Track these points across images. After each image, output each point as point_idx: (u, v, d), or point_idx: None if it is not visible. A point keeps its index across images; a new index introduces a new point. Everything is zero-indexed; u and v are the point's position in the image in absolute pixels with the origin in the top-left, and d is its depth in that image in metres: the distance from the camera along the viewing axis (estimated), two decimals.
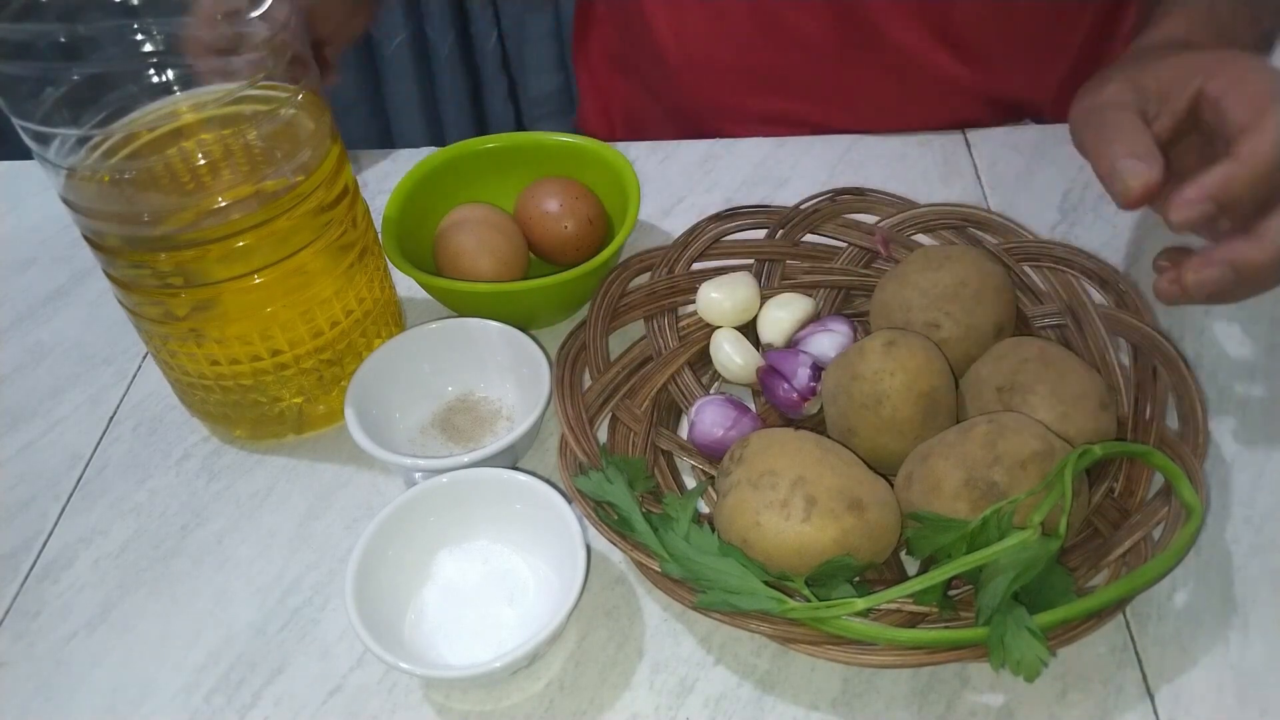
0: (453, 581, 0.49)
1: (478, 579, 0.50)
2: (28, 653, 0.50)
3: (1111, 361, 0.56)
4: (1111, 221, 0.69)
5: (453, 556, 0.50)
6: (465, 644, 0.47)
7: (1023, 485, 0.44)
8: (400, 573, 0.48)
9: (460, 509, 0.50)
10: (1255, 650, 0.47)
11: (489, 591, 0.49)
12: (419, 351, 0.58)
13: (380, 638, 0.44)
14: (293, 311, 0.52)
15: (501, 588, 0.49)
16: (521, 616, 0.48)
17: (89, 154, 0.47)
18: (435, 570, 0.50)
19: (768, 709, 0.46)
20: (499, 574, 0.50)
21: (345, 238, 0.54)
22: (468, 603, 0.49)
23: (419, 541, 0.49)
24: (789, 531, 0.45)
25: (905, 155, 0.75)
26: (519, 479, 0.50)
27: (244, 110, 0.49)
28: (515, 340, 0.57)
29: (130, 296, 0.51)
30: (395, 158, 0.78)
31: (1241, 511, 0.52)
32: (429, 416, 0.58)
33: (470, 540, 0.51)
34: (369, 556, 0.47)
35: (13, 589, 0.52)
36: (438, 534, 0.50)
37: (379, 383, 0.56)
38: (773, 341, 0.59)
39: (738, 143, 0.78)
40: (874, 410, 0.50)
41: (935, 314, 0.54)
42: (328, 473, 0.57)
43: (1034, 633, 0.42)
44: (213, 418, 0.58)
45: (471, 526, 0.50)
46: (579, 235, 0.64)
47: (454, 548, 0.50)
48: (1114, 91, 0.54)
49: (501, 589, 0.49)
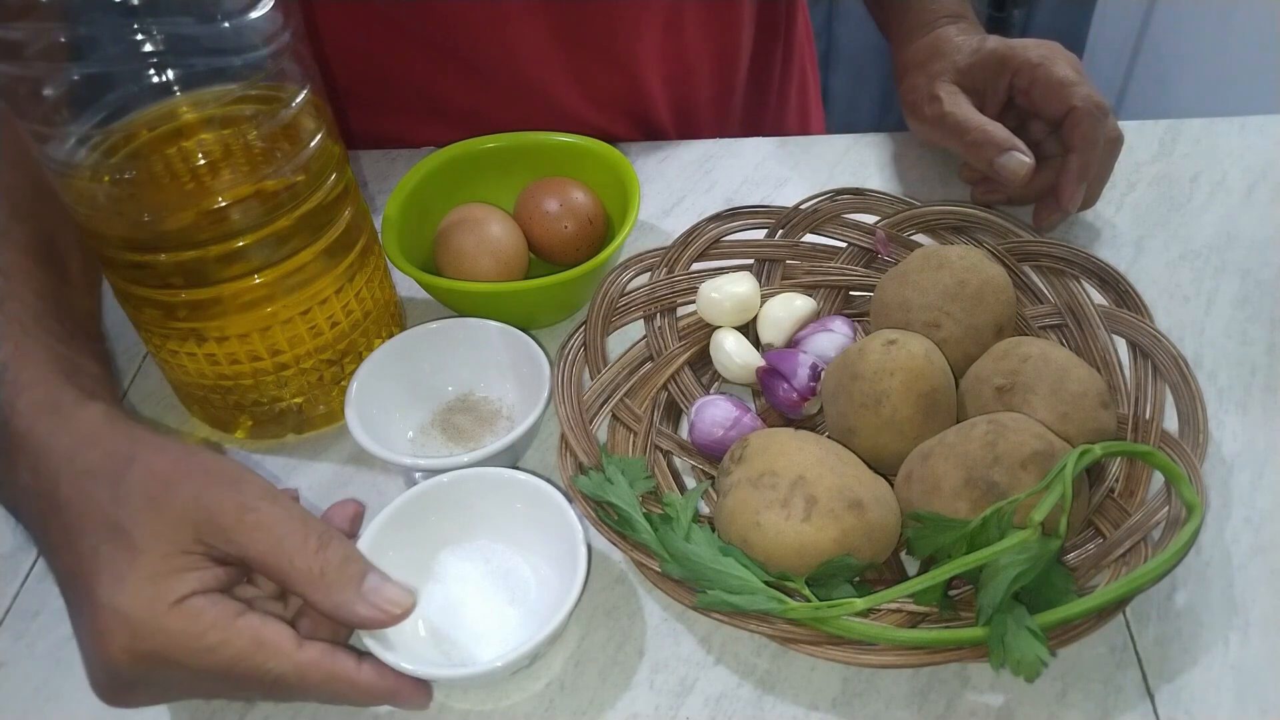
0: (454, 581, 0.49)
1: (479, 578, 0.49)
2: (28, 653, 0.50)
3: (1111, 361, 0.56)
4: (1111, 221, 0.69)
5: (454, 556, 0.50)
6: (466, 643, 0.47)
7: (1023, 485, 0.44)
8: (401, 572, 0.48)
9: (461, 508, 0.50)
10: (1255, 650, 0.47)
11: (490, 591, 0.49)
12: (419, 351, 0.58)
13: (381, 638, 0.44)
14: (293, 311, 0.52)
15: (503, 587, 0.49)
16: (523, 615, 0.48)
17: (89, 154, 0.47)
18: (436, 570, 0.50)
19: (768, 709, 0.46)
20: (500, 573, 0.50)
21: (345, 238, 0.54)
22: (469, 602, 0.49)
23: (420, 541, 0.49)
24: (789, 531, 0.45)
25: (905, 155, 0.75)
26: (519, 478, 0.50)
27: (244, 110, 0.49)
28: (515, 340, 0.57)
29: (130, 296, 0.51)
30: (395, 158, 0.78)
31: (1241, 511, 0.52)
32: (429, 416, 0.58)
33: (471, 540, 0.50)
34: (370, 557, 0.47)
35: (13, 589, 0.52)
36: (439, 534, 0.50)
37: (379, 383, 0.56)
38: (773, 341, 0.59)
39: (738, 143, 0.78)
40: (874, 410, 0.50)
41: (935, 314, 0.54)
42: (328, 473, 0.57)
43: (1034, 633, 0.42)
44: (213, 418, 0.58)
45: (472, 526, 0.50)
46: (579, 235, 0.64)
47: (455, 547, 0.50)
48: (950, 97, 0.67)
49: (503, 588, 0.49)
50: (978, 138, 0.64)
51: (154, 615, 0.40)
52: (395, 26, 0.73)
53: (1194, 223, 0.68)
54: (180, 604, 0.40)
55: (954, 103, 0.67)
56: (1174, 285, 0.64)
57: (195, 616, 0.40)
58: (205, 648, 0.40)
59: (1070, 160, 0.63)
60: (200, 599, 0.41)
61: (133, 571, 0.40)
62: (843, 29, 1.78)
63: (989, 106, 0.68)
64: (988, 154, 0.64)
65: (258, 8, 0.47)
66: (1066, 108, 0.63)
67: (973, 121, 0.65)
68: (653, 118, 0.80)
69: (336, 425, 0.58)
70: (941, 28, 0.72)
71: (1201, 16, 1.55)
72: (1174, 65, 1.63)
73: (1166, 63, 1.65)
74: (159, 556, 0.41)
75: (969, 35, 0.71)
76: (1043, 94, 0.64)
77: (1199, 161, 0.73)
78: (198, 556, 0.41)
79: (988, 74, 0.67)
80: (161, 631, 0.40)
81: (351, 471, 0.57)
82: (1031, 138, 0.67)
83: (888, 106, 1.86)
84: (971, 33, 0.71)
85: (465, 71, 0.75)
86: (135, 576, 0.40)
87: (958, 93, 0.68)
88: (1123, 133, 0.65)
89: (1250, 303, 0.63)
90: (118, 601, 0.40)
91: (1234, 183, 0.71)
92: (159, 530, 0.41)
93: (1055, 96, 0.64)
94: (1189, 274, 0.65)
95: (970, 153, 0.66)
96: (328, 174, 0.52)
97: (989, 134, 0.64)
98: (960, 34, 0.71)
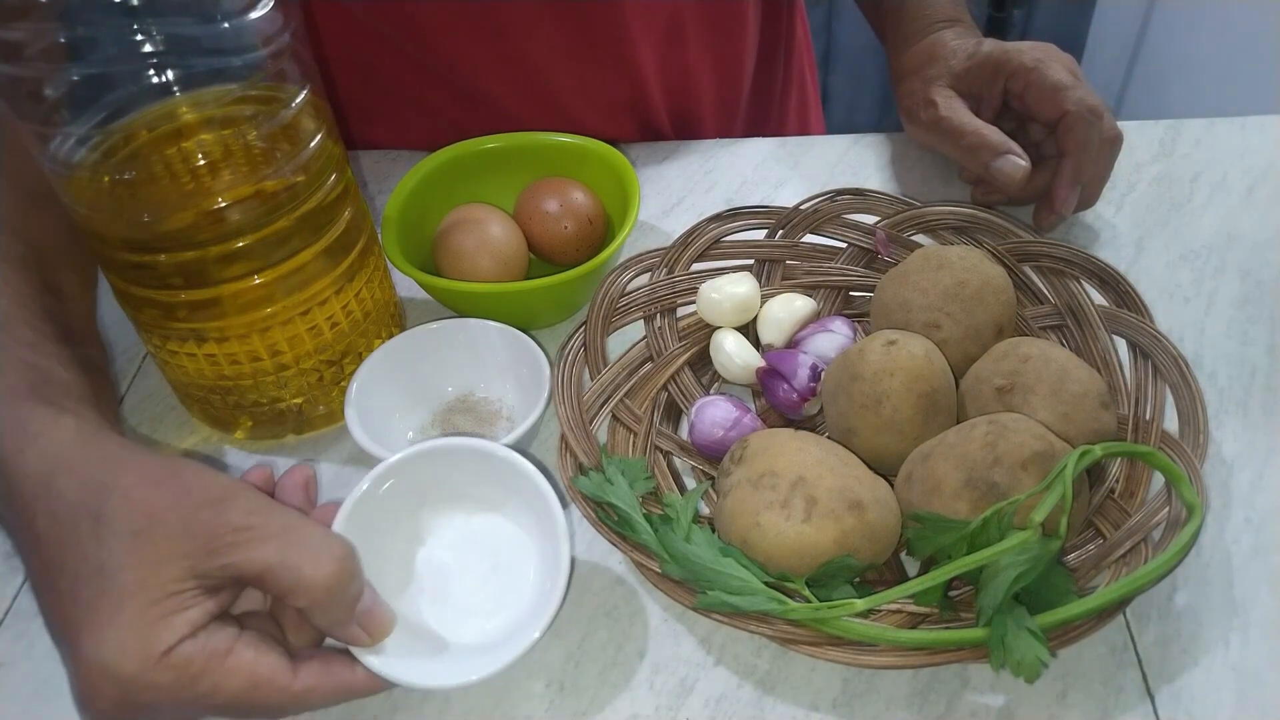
0: (439, 561, 0.49)
1: (463, 543, 0.49)
2: (28, 653, 0.50)
3: (1111, 361, 0.56)
4: (1111, 221, 0.69)
5: (434, 535, 0.50)
6: (460, 620, 0.47)
7: (1023, 486, 0.44)
8: (384, 562, 0.47)
9: (440, 478, 0.49)
10: (1255, 650, 0.47)
11: (476, 558, 0.49)
12: (419, 351, 0.58)
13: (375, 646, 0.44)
14: (292, 312, 0.52)
15: (487, 551, 0.49)
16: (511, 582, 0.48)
17: (89, 154, 0.47)
18: (420, 553, 0.49)
19: (768, 709, 0.46)
20: (483, 536, 0.49)
21: (345, 238, 0.54)
22: (456, 579, 0.48)
23: (397, 524, 0.48)
24: (789, 532, 0.45)
25: (905, 155, 0.75)
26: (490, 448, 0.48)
27: (244, 110, 0.49)
28: (515, 340, 0.57)
29: (130, 297, 0.51)
30: (395, 158, 0.78)
31: (1242, 512, 0.52)
32: (429, 416, 0.58)
33: (450, 514, 0.50)
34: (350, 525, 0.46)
35: (13, 589, 0.52)
36: (414, 516, 0.49)
37: (379, 383, 0.56)
38: (773, 341, 0.59)
39: (738, 143, 0.78)
40: (874, 410, 0.50)
41: (935, 314, 0.54)
42: (328, 473, 0.57)
43: (1034, 633, 0.42)
44: (213, 418, 0.58)
45: (448, 501, 0.50)
46: (579, 235, 0.64)
47: (434, 521, 0.50)
48: (946, 101, 0.68)
49: (488, 553, 0.49)
50: (973, 142, 0.65)
51: (143, 670, 0.38)
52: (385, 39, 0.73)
53: (1194, 223, 0.68)
54: (168, 655, 0.39)
55: (949, 107, 0.67)
56: (1174, 285, 0.64)
57: (184, 666, 0.39)
58: (199, 695, 0.39)
59: (1063, 164, 0.64)
60: (189, 644, 0.39)
61: (116, 623, 0.38)
62: (843, 29, 1.78)
63: (985, 110, 0.68)
64: (983, 158, 0.64)
65: (257, 8, 0.47)
66: (1060, 112, 0.63)
67: (968, 125, 0.65)
68: (656, 126, 0.80)
69: (336, 426, 0.58)
70: (937, 32, 0.72)
71: (1201, 16, 1.55)
72: (1174, 65, 1.63)
73: (1166, 63, 1.65)
74: (146, 603, 0.39)
75: (965, 39, 0.71)
76: (1037, 98, 0.65)
77: (1199, 162, 0.73)
78: (188, 595, 0.39)
79: (983, 78, 0.67)
80: (152, 687, 0.38)
81: (351, 471, 0.57)
82: (1031, 139, 0.67)
83: (888, 107, 1.86)
84: (967, 36, 0.71)
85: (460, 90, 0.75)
86: (119, 628, 0.38)
87: (954, 97, 0.68)
88: (1122, 133, 0.65)
89: (1250, 303, 0.63)
90: (104, 657, 0.38)
91: (1234, 183, 0.71)
92: (145, 573, 0.39)
93: (1049, 101, 0.64)
94: (1189, 274, 0.65)
95: (966, 157, 0.66)
96: (328, 174, 0.52)
97: (984, 138, 0.64)
98: (956, 38, 0.71)
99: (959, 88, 0.69)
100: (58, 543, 0.40)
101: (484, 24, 0.71)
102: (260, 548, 0.40)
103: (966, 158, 0.66)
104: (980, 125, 0.65)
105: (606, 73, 0.75)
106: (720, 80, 0.82)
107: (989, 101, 0.68)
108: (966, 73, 0.68)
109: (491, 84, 0.74)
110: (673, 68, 0.78)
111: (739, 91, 0.84)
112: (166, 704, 0.39)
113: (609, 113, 0.77)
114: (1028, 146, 0.65)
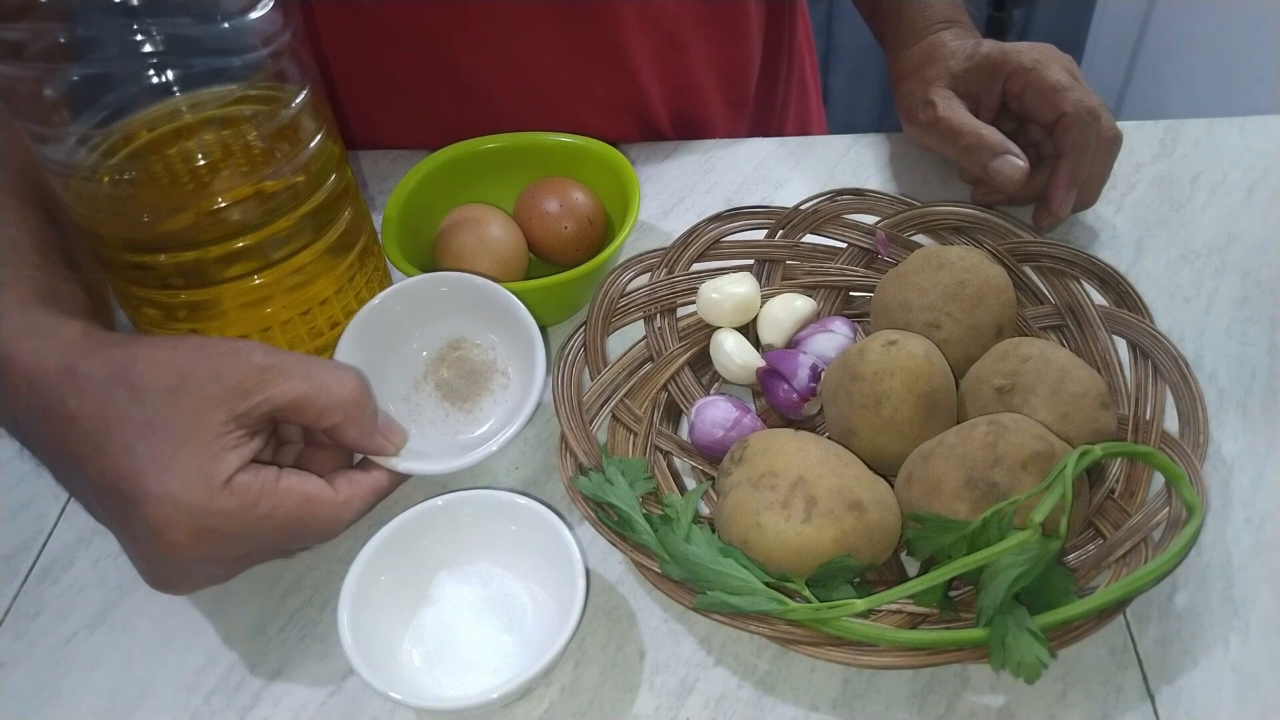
0: (450, 606, 0.48)
1: (475, 603, 0.49)
2: (28, 653, 0.50)
3: (1111, 362, 0.56)
4: (1111, 222, 0.69)
5: (451, 580, 0.49)
6: (460, 670, 0.46)
7: (1023, 486, 0.44)
8: (397, 597, 0.47)
9: (457, 531, 0.49)
10: (1255, 651, 0.47)
11: (486, 616, 0.48)
12: (399, 312, 0.56)
13: (375, 663, 0.44)
14: (293, 312, 0.52)
15: (499, 612, 0.48)
16: (519, 642, 0.47)
17: (89, 154, 0.47)
18: (432, 593, 0.49)
19: (768, 710, 0.46)
20: (497, 598, 0.49)
21: (345, 238, 0.54)
22: (465, 627, 0.48)
23: (415, 565, 0.48)
24: (789, 532, 0.45)
25: (905, 155, 0.75)
26: (517, 501, 0.49)
27: (244, 110, 0.49)
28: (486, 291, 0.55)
29: (130, 297, 0.51)
30: (395, 158, 0.78)
31: (1242, 512, 0.52)
32: (421, 370, 0.57)
33: (468, 564, 0.50)
34: (364, 581, 0.46)
35: (13, 589, 0.52)
36: (434, 557, 0.49)
37: (362, 350, 0.54)
38: (773, 342, 0.59)
39: (738, 143, 0.78)
40: (874, 410, 0.50)
41: (935, 314, 0.54)
42: None
43: (1034, 634, 0.42)
44: None
45: (469, 549, 0.50)
46: (579, 235, 0.64)
47: (452, 570, 0.49)
48: (944, 102, 0.68)
49: (499, 613, 0.48)
50: (971, 142, 0.65)
51: (210, 498, 0.43)
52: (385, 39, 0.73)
53: (1194, 223, 0.68)
54: (229, 483, 0.43)
55: (948, 108, 0.67)
56: (1174, 286, 0.64)
57: (244, 491, 0.43)
58: (261, 516, 0.44)
59: (1060, 166, 0.64)
60: (243, 475, 0.44)
61: (177, 461, 0.42)
62: (843, 29, 1.78)
63: (983, 111, 0.68)
64: (982, 158, 0.64)
65: (257, 8, 0.47)
66: (1057, 113, 0.63)
67: (966, 126, 0.65)
68: (657, 127, 0.80)
69: None
70: (936, 33, 0.72)
71: (1201, 16, 1.55)
72: (1174, 65, 1.63)
73: (1166, 63, 1.65)
74: (200, 444, 0.43)
75: (963, 40, 0.71)
76: (1035, 99, 0.65)
77: (1199, 162, 0.73)
78: (233, 435, 0.44)
79: (982, 79, 0.68)
80: (220, 512, 0.43)
81: None
82: (1030, 139, 0.67)
83: (888, 107, 1.85)
84: (966, 37, 0.71)
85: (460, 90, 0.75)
86: (181, 464, 0.42)
87: (952, 98, 0.68)
88: (1121, 133, 0.65)
89: (1250, 303, 0.63)
90: (173, 490, 0.42)
91: (1234, 183, 0.71)
92: (192, 420, 0.43)
93: (1046, 102, 0.64)
94: (1189, 274, 0.65)
95: (965, 157, 0.66)
96: (328, 174, 0.52)
97: (983, 138, 0.64)
98: (955, 39, 0.71)
99: (957, 88, 0.69)
100: (96, 415, 0.43)
101: (484, 24, 0.71)
102: (288, 380, 0.45)
103: (965, 158, 0.66)
104: (978, 125, 0.65)
105: (604, 74, 0.75)
106: (726, 83, 0.82)
107: (987, 102, 0.68)
108: (965, 73, 0.68)
109: (491, 84, 0.74)
110: (673, 71, 0.78)
111: (745, 94, 0.85)
112: (234, 528, 0.44)
113: (609, 113, 0.77)
114: (1027, 147, 0.65)
